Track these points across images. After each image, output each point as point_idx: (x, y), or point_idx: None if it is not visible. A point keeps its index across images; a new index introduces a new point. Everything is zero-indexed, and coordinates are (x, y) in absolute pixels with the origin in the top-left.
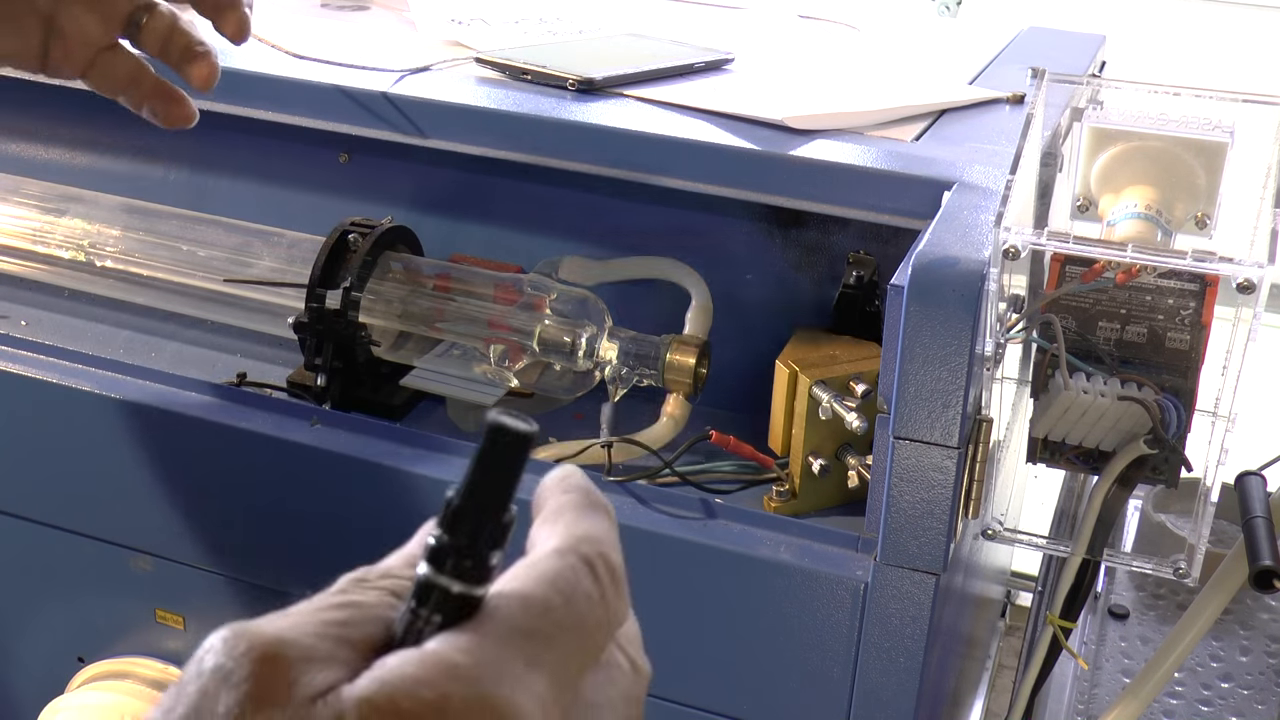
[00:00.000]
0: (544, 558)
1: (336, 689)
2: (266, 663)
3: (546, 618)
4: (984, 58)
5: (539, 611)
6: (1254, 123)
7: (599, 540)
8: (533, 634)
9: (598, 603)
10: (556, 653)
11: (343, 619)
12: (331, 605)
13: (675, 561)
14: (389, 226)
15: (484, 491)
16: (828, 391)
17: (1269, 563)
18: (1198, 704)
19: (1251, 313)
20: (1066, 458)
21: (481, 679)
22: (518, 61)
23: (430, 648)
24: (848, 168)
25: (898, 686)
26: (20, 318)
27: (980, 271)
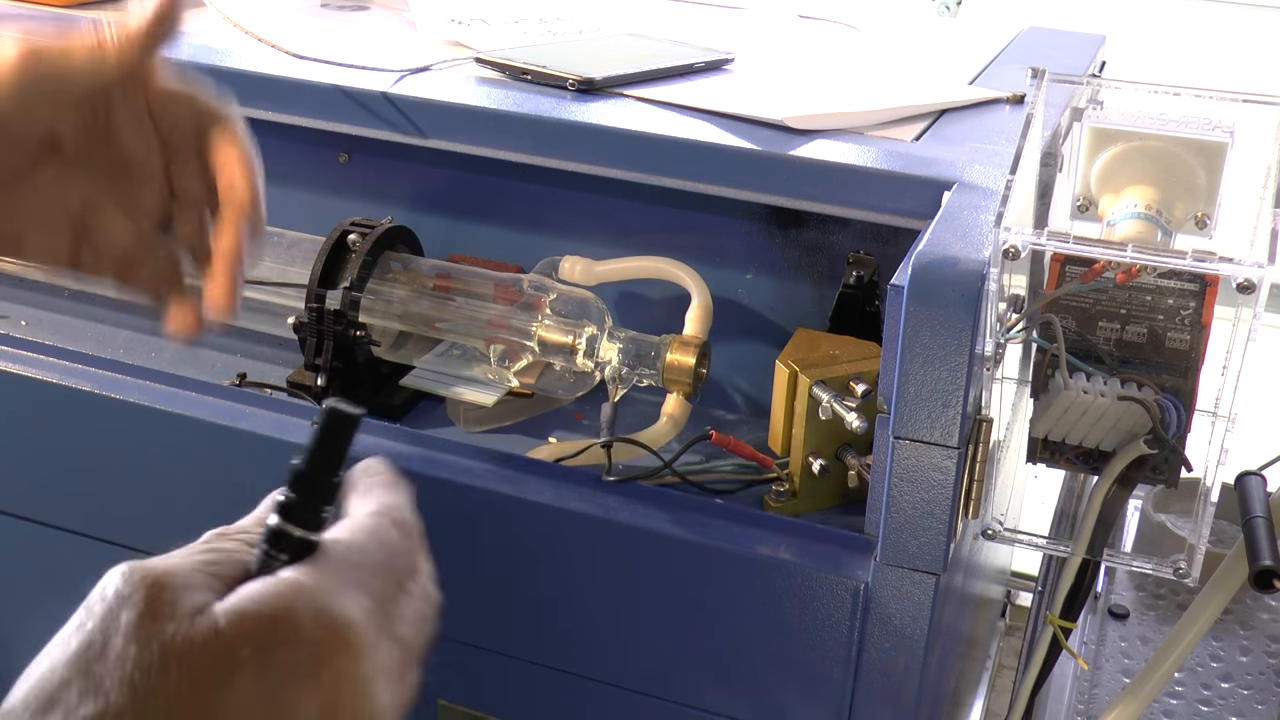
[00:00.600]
0: (363, 517)
1: (210, 605)
2: (155, 588)
3: (367, 556)
4: (984, 58)
5: (362, 552)
6: (1254, 123)
7: (402, 508)
8: (358, 567)
9: (403, 553)
10: (376, 582)
11: (211, 559)
12: (201, 550)
13: (675, 561)
14: (389, 226)
15: (321, 460)
16: (828, 391)
17: (1269, 563)
18: (1198, 704)
19: (1251, 313)
20: (1066, 458)
21: (320, 593)
22: (518, 61)
23: (280, 575)
24: (848, 168)
25: (898, 686)
26: (20, 318)
27: (980, 271)
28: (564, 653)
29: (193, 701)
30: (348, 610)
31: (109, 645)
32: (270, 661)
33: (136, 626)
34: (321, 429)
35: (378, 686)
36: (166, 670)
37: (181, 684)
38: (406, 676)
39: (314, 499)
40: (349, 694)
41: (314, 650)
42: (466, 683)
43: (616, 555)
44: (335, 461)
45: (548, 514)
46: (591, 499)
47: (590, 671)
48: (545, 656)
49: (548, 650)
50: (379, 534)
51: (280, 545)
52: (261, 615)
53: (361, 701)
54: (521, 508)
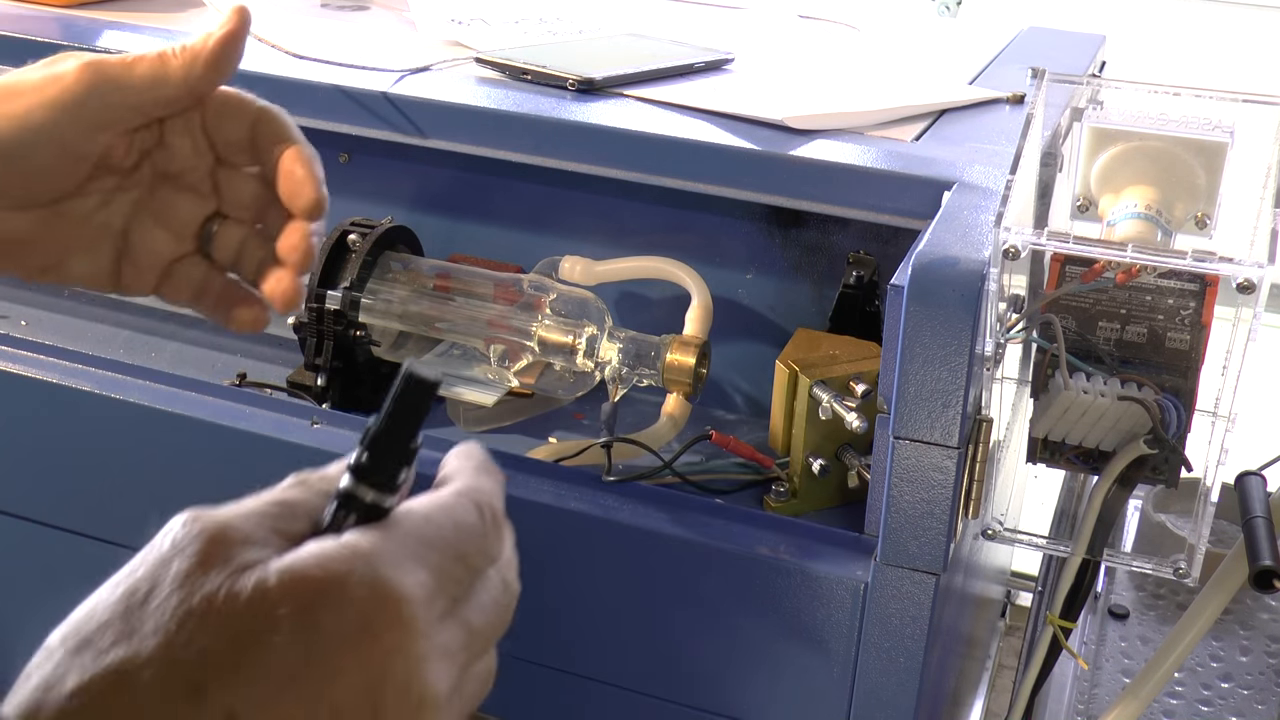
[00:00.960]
0: (444, 494)
1: (264, 562)
2: (213, 540)
3: (437, 532)
4: (984, 58)
5: (432, 527)
6: (1254, 123)
7: (489, 493)
8: (425, 541)
9: (479, 535)
10: (441, 559)
11: (278, 513)
12: (272, 501)
13: (675, 561)
14: (389, 226)
15: (397, 423)
16: (828, 391)
17: (1269, 563)
18: (1198, 704)
19: (1251, 313)
20: (1066, 458)
21: (379, 562)
22: (518, 61)
23: (343, 538)
24: (848, 168)
25: (898, 686)
26: (20, 318)
27: (980, 271)
28: (564, 653)
29: (224, 657)
30: (405, 584)
31: (154, 592)
32: (311, 624)
33: (185, 576)
34: (398, 391)
35: (432, 668)
36: (204, 623)
37: (217, 638)
38: (474, 666)
39: (387, 462)
40: (398, 670)
41: (361, 619)
42: None
43: (616, 555)
44: (411, 426)
45: (548, 514)
46: (591, 499)
47: (590, 671)
48: (545, 656)
49: (548, 650)
50: (455, 513)
51: (349, 506)
52: (310, 577)
53: (412, 680)
54: (521, 508)
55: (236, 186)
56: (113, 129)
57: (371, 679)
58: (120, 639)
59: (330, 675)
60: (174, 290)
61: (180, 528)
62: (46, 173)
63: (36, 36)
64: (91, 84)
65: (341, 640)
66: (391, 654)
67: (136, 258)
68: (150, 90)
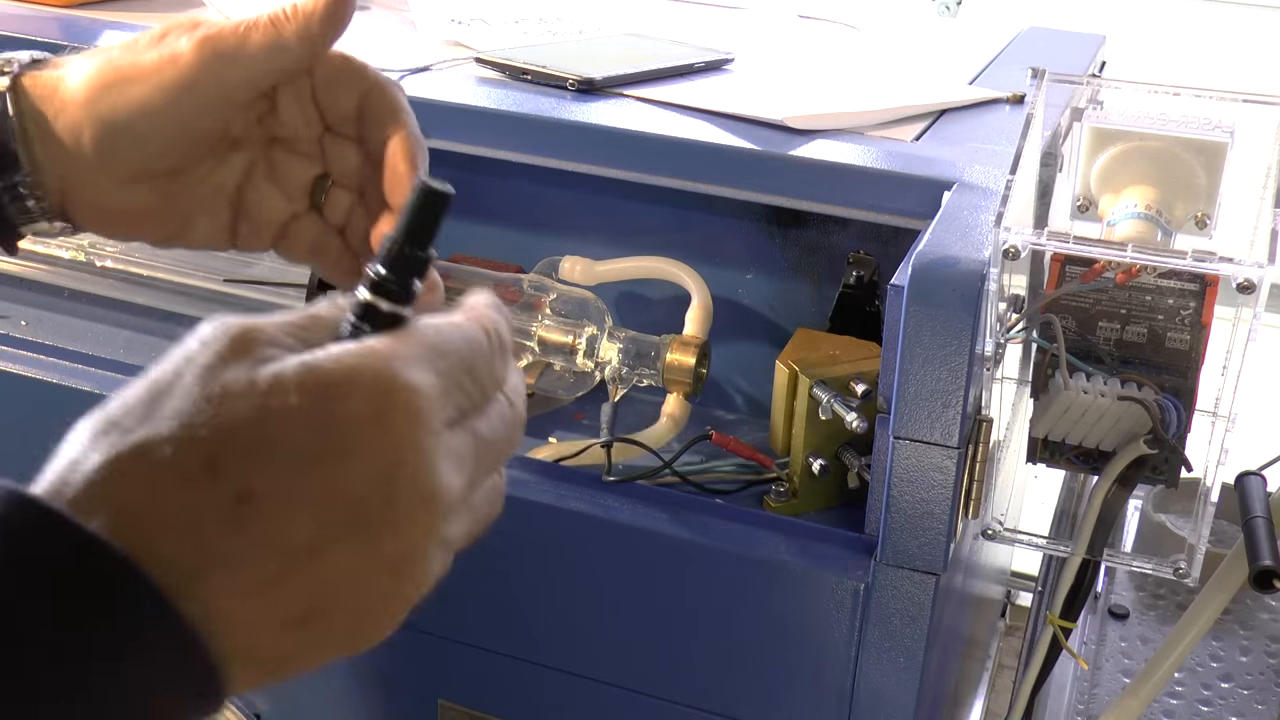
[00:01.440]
0: (456, 315)
1: (283, 358)
2: (238, 337)
3: (448, 343)
4: (984, 58)
5: (443, 338)
6: (1254, 123)
7: (499, 322)
8: (435, 348)
9: (486, 355)
10: (451, 367)
11: (303, 324)
12: (300, 314)
13: (675, 561)
14: None
15: (411, 234)
16: (828, 391)
17: (1269, 563)
18: (1198, 704)
19: (1251, 313)
20: (1066, 458)
21: (389, 361)
22: (518, 61)
23: (360, 342)
24: (848, 168)
25: (898, 686)
26: (20, 318)
27: (980, 271)
28: (564, 653)
29: (240, 436)
30: (416, 379)
31: (177, 381)
32: (326, 410)
33: (208, 368)
34: (413, 203)
35: (442, 465)
36: (221, 406)
37: (232, 419)
38: (483, 481)
39: (403, 272)
40: (410, 460)
41: (374, 408)
42: (466, 683)
43: (616, 555)
44: (426, 237)
45: (548, 514)
46: (591, 499)
47: (590, 671)
48: (545, 656)
49: (548, 650)
50: (465, 330)
51: (366, 316)
52: (325, 369)
53: (422, 472)
54: (521, 508)
55: (344, 155)
56: (230, 104)
57: (384, 466)
58: (143, 421)
59: (343, 458)
60: (290, 248)
61: (209, 327)
62: (166, 152)
63: (36, 36)
64: (209, 64)
65: (354, 426)
66: (402, 444)
67: (253, 217)
68: (266, 61)
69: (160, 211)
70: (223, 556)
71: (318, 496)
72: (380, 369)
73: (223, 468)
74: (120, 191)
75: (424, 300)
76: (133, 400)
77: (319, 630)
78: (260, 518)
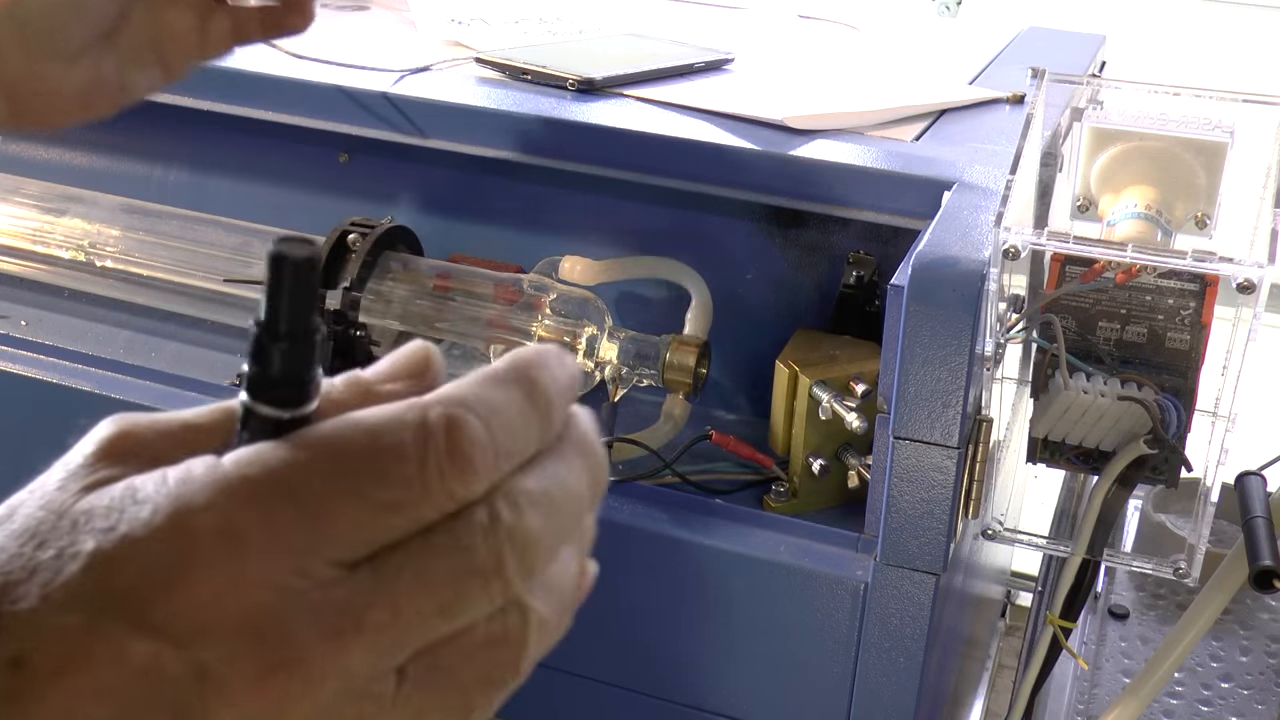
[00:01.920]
0: (385, 406)
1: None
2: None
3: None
4: (984, 58)
5: (330, 448)
6: (1254, 123)
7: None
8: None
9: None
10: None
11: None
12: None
13: (675, 561)
14: (389, 226)
15: (278, 318)
16: (828, 391)
17: (1269, 563)
18: (1198, 704)
19: (1251, 313)
20: (1066, 458)
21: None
22: (518, 61)
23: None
24: (848, 168)
25: (898, 686)
26: (20, 318)
27: (980, 271)
28: (564, 653)
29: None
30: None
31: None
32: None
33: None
34: (269, 280)
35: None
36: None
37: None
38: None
39: (281, 367)
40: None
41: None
42: None
43: (616, 555)
44: (298, 318)
45: None
46: None
47: (590, 671)
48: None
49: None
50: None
51: (249, 425)
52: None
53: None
54: None
55: None
56: None
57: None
58: None
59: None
60: (215, 48)
61: (99, 426)
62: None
63: None
64: None
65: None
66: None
67: (175, 43)
68: None
69: (103, 83)
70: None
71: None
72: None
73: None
74: (62, 73)
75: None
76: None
77: None
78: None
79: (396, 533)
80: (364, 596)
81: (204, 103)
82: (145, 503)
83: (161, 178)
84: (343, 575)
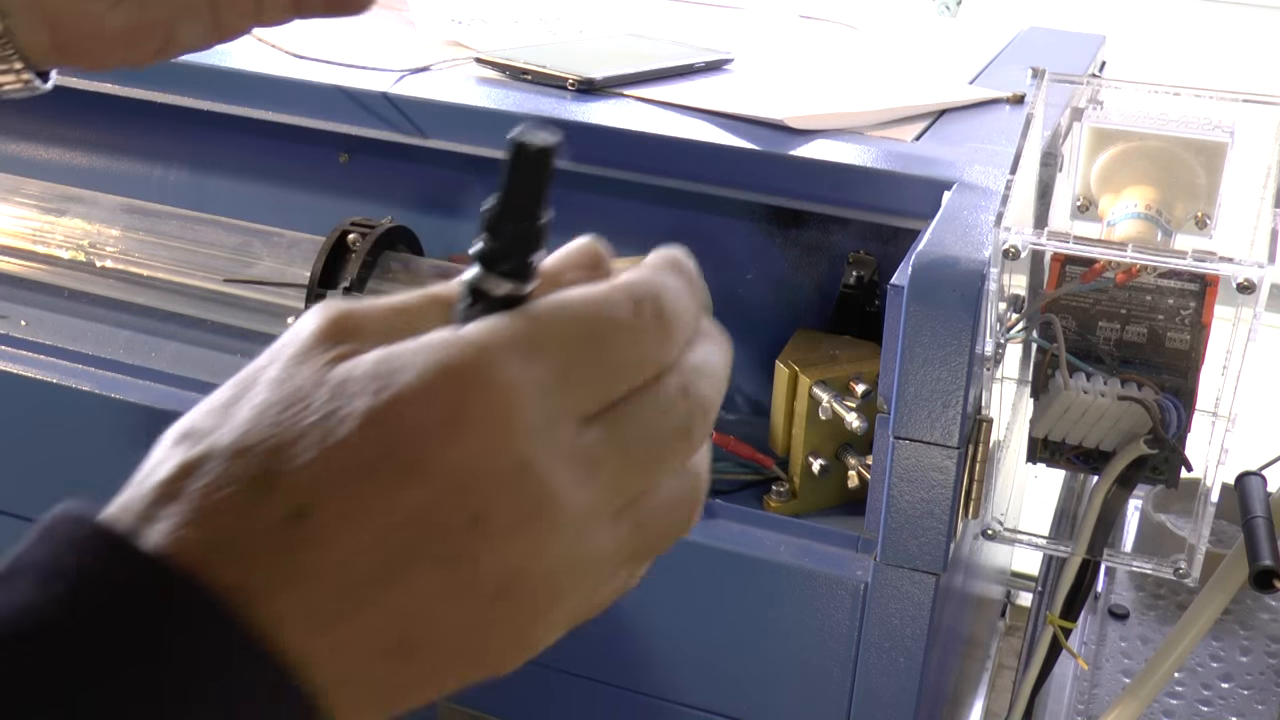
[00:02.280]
0: (597, 285)
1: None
2: (327, 326)
3: (569, 325)
4: (984, 58)
5: (563, 318)
6: (1254, 123)
7: (658, 288)
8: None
9: (630, 332)
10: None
11: (413, 308)
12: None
13: (675, 561)
14: (389, 226)
15: (516, 200)
16: (828, 391)
17: (1269, 563)
18: (1198, 704)
19: (1251, 313)
20: (1066, 458)
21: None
22: (518, 61)
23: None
24: (848, 168)
25: (898, 686)
26: (20, 318)
27: (980, 271)
28: (564, 653)
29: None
30: (506, 373)
31: (257, 380)
32: (390, 415)
33: (289, 363)
34: (507, 167)
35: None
36: (283, 413)
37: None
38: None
39: (512, 246)
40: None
41: (449, 411)
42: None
43: None
44: (529, 203)
45: None
46: None
47: (590, 671)
48: (545, 657)
49: (548, 650)
50: (601, 305)
51: (476, 299)
52: (398, 366)
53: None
54: None
55: None
56: None
57: (461, 480)
58: (215, 428)
59: (411, 472)
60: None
61: (310, 313)
62: None
63: None
64: None
65: (424, 434)
66: (485, 453)
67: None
68: None
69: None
70: (285, 580)
71: (382, 515)
72: (458, 365)
73: (279, 482)
74: (109, 13)
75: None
76: (216, 403)
77: (426, 660)
78: (319, 539)
79: (619, 392)
80: (603, 447)
81: (204, 103)
82: (409, 367)
83: (161, 178)
84: (584, 428)
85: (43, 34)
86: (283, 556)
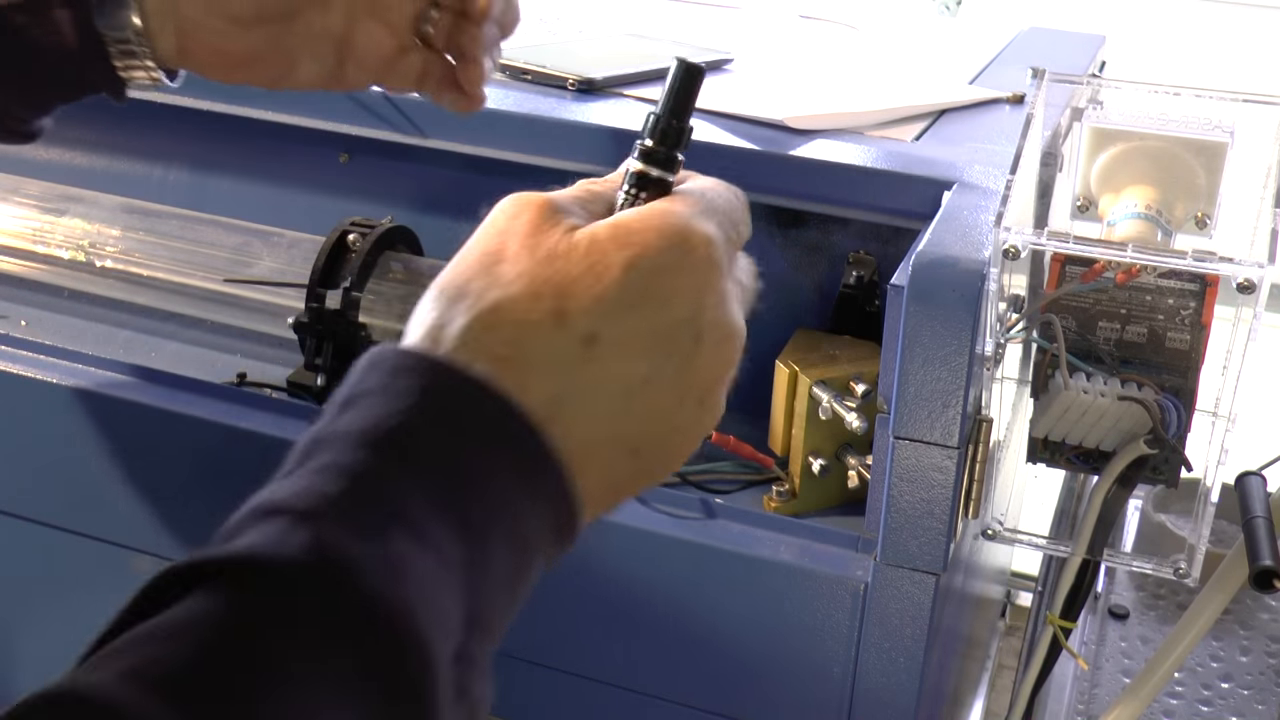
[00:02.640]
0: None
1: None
2: (541, 207)
3: (719, 200)
4: (984, 58)
5: (712, 194)
6: (1254, 123)
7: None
8: (710, 204)
9: (742, 210)
10: (722, 220)
11: (584, 196)
12: (579, 188)
13: (675, 561)
14: (389, 226)
15: (673, 107)
16: (828, 391)
17: (1269, 563)
18: (1198, 704)
19: (1251, 313)
20: (1066, 458)
21: (685, 215)
22: (518, 61)
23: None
24: (848, 168)
25: (898, 686)
26: (20, 318)
27: (980, 271)
28: (564, 653)
29: (578, 288)
30: (710, 228)
31: (505, 249)
32: (643, 262)
33: (528, 235)
34: (673, 80)
35: (734, 305)
36: (556, 265)
37: (568, 275)
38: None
39: (668, 143)
40: (711, 302)
41: (681, 256)
42: None
43: (617, 555)
44: (685, 109)
45: None
46: None
47: (590, 671)
48: (545, 656)
49: (548, 650)
50: (725, 189)
51: (641, 185)
52: (634, 228)
53: (723, 312)
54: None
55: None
56: None
57: (694, 307)
58: (490, 286)
59: (664, 302)
60: (396, 80)
61: (510, 204)
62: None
63: None
64: None
65: (669, 273)
66: (705, 288)
67: (359, 57)
68: None
69: (270, 54)
70: (577, 392)
71: (646, 335)
72: (680, 224)
73: (569, 316)
74: (234, 34)
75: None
76: (470, 272)
77: (648, 457)
78: (605, 357)
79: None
80: (740, 289)
81: (204, 103)
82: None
83: (161, 178)
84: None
85: (171, 40)
86: (577, 375)
